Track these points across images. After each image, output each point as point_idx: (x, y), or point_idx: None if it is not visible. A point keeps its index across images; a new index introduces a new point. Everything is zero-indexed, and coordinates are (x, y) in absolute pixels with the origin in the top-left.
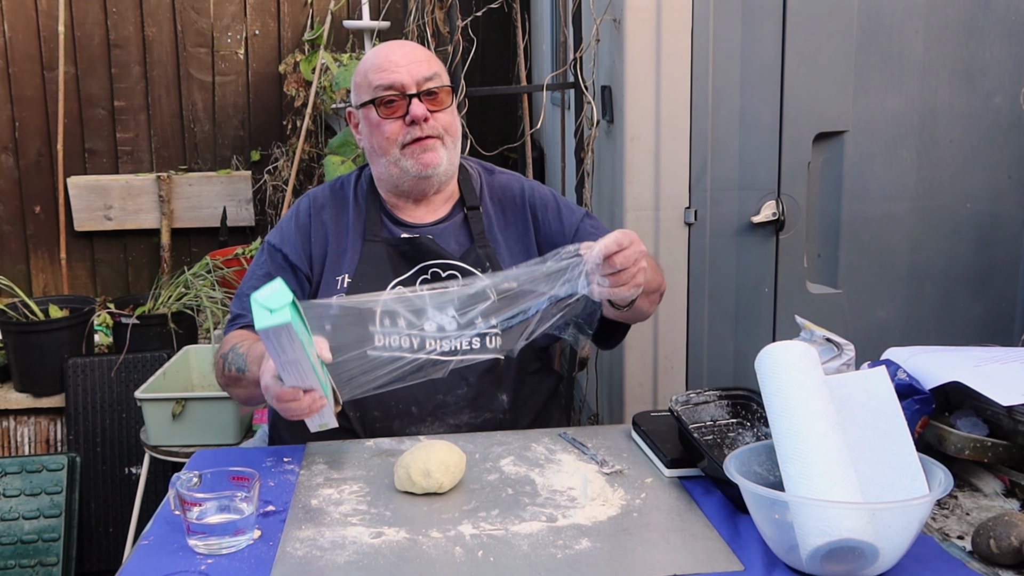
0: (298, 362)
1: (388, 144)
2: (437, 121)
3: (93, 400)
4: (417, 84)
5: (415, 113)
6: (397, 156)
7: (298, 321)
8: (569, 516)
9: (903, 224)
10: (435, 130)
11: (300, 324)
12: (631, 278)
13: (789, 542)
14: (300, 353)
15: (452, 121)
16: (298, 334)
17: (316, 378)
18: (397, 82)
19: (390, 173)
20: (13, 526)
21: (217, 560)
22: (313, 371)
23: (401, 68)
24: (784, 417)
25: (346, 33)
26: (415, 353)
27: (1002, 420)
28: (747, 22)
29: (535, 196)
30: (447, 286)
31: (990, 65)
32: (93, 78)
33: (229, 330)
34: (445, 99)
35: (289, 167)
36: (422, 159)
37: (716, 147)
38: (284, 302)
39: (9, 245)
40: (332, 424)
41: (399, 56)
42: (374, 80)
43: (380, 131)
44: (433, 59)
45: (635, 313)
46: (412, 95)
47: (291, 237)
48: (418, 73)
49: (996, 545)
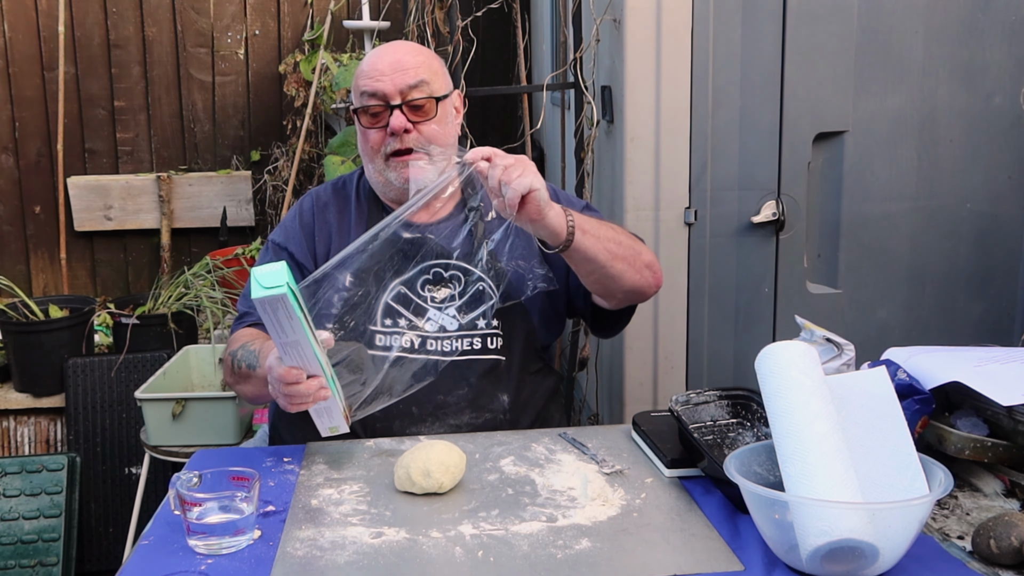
0: (298, 344)
1: (373, 153)
2: (421, 133)
3: (93, 400)
4: (401, 94)
5: (394, 125)
6: (382, 166)
7: (296, 304)
8: (569, 516)
9: (903, 224)
10: (417, 143)
11: (298, 307)
12: (503, 172)
13: (789, 542)
14: (300, 335)
15: (440, 131)
16: (296, 312)
17: (320, 367)
18: (380, 91)
19: (377, 180)
20: (13, 526)
21: (217, 560)
22: (316, 359)
23: (385, 77)
24: (784, 417)
25: (346, 33)
26: (415, 353)
27: (1002, 420)
28: (747, 22)
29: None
30: (451, 287)
31: (990, 65)
32: (93, 78)
33: (236, 328)
34: (430, 110)
35: (289, 167)
36: (404, 173)
37: (716, 147)
38: (283, 279)
39: (9, 245)
40: (343, 428)
41: (386, 64)
42: (360, 86)
43: (365, 139)
44: (423, 66)
45: (612, 278)
46: (394, 106)
47: (296, 235)
48: (402, 82)
49: (996, 545)
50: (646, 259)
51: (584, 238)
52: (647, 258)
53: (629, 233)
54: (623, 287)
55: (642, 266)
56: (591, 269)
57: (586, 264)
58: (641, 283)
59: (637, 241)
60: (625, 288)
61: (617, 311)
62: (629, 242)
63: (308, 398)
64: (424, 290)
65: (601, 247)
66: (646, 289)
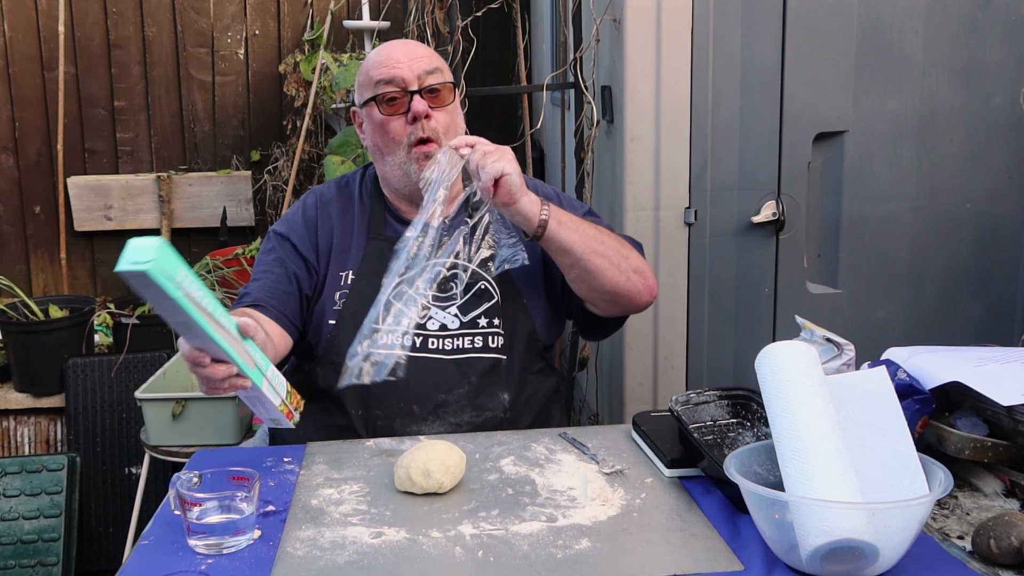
0: (189, 326)
1: (393, 145)
2: (437, 121)
3: (93, 400)
4: (419, 79)
5: (416, 109)
6: (403, 159)
7: (170, 284)
8: (569, 516)
9: (903, 224)
10: (434, 132)
11: (175, 288)
12: (481, 156)
13: (789, 542)
14: (186, 317)
15: (452, 121)
16: (173, 292)
17: (227, 354)
18: (398, 76)
19: (394, 175)
20: (13, 526)
21: (217, 560)
22: (216, 343)
23: (402, 64)
24: (784, 417)
25: (346, 33)
26: (416, 351)
27: (1002, 420)
28: (747, 22)
29: (538, 193)
30: (452, 285)
31: (990, 65)
32: (93, 78)
33: (233, 310)
34: (447, 96)
35: (289, 167)
36: (424, 165)
37: (716, 147)
38: (151, 255)
39: (9, 245)
40: (285, 424)
41: (400, 53)
42: (375, 75)
43: (384, 130)
44: (435, 56)
45: (591, 274)
46: (413, 91)
47: (298, 228)
48: (419, 68)
49: (996, 545)
50: (635, 264)
51: (560, 228)
52: (636, 263)
53: (623, 240)
54: (605, 286)
55: (629, 270)
56: (570, 262)
57: (563, 255)
58: (627, 286)
59: (627, 246)
60: (608, 288)
61: (608, 318)
62: (615, 244)
63: (220, 383)
64: (425, 288)
65: (578, 239)
66: (635, 296)
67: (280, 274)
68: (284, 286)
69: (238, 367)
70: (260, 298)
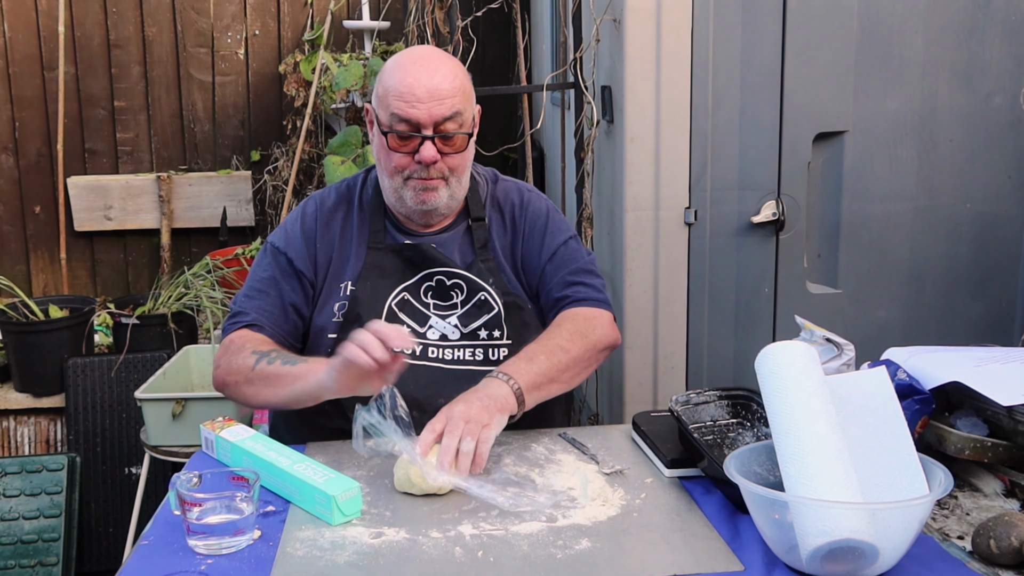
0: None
1: (393, 172)
2: (445, 163)
3: (93, 400)
4: (435, 125)
5: (424, 157)
6: (399, 185)
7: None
8: (569, 516)
9: (903, 224)
10: (440, 172)
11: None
12: (465, 457)
13: (789, 542)
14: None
15: (462, 162)
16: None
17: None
18: (413, 118)
19: (389, 196)
20: (13, 526)
21: (217, 560)
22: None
23: (422, 105)
24: (784, 417)
25: (346, 33)
26: (416, 360)
27: (1002, 420)
28: (747, 22)
29: (528, 210)
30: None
31: (990, 65)
32: (93, 78)
33: (230, 329)
34: (461, 144)
35: (289, 167)
36: (421, 196)
37: (716, 147)
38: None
39: (9, 245)
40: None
41: (424, 90)
42: (393, 107)
43: (388, 158)
44: (459, 94)
45: (573, 385)
46: (427, 136)
47: (296, 241)
48: (438, 113)
49: (996, 545)
50: (601, 342)
51: (537, 394)
52: (599, 337)
53: (585, 318)
54: (581, 381)
55: (596, 355)
56: (555, 394)
57: (548, 397)
58: (598, 365)
59: (590, 333)
60: (583, 379)
61: None
62: (581, 349)
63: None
64: (427, 297)
65: (556, 387)
66: (603, 360)
67: (275, 298)
68: (279, 311)
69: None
70: (256, 319)
